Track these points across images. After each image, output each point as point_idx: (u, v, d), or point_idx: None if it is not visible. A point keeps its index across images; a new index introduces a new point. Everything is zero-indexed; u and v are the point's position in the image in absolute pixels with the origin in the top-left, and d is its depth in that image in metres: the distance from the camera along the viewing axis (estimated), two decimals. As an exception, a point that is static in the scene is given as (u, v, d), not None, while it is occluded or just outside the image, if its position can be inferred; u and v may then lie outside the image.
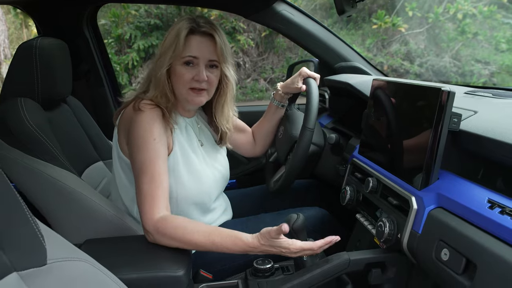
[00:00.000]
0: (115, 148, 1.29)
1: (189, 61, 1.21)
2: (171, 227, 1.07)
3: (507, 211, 0.74)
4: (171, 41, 1.20)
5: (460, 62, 6.48)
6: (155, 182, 1.11)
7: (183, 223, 1.09)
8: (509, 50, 6.02)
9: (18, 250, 0.70)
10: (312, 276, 1.03)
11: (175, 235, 1.06)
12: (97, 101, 2.01)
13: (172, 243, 1.08)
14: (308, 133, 1.33)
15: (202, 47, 1.21)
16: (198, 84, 1.22)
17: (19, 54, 1.30)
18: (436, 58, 6.67)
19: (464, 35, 6.35)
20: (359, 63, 1.92)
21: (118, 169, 1.29)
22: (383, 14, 6.66)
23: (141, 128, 1.15)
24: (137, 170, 1.14)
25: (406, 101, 1.06)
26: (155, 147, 1.15)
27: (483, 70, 6.20)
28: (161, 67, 1.20)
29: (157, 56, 1.23)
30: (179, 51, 1.19)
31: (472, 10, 6.21)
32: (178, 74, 1.21)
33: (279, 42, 7.15)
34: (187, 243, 1.07)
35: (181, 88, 1.23)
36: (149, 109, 1.17)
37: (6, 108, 1.24)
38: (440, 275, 0.85)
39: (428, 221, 0.90)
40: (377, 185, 1.14)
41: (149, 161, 1.13)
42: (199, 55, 1.21)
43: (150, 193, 1.10)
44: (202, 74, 1.21)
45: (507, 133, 0.84)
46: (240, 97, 7.06)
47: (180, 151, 1.26)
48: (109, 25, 6.64)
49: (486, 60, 6.21)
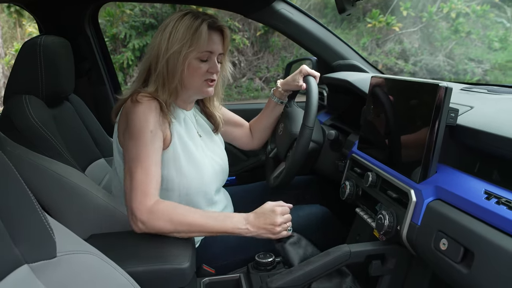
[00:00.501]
0: (116, 144, 1.30)
1: (206, 56, 1.25)
2: (167, 208, 1.11)
3: (503, 201, 0.77)
4: (184, 35, 1.20)
5: (454, 61, 6.54)
6: (149, 171, 1.14)
7: (177, 204, 1.15)
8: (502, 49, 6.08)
9: (28, 242, 0.72)
10: (314, 268, 1.06)
11: (171, 216, 1.11)
12: (98, 99, 2.03)
13: (167, 226, 1.11)
14: (307, 132, 1.35)
15: (217, 41, 1.27)
16: (212, 76, 1.28)
17: (23, 51, 1.31)
18: (430, 57, 6.72)
19: (457, 34, 6.41)
20: (356, 61, 1.95)
21: (120, 163, 1.30)
22: (377, 14, 6.71)
23: (138, 119, 1.17)
24: (130, 160, 1.15)
25: (405, 97, 1.09)
26: (152, 139, 1.16)
27: (476, 69, 6.27)
28: (175, 61, 1.21)
29: (162, 51, 1.22)
30: (200, 45, 1.21)
31: (466, 9, 6.27)
32: (194, 67, 1.24)
33: (274, 41, 7.17)
34: (183, 222, 1.11)
35: (197, 80, 1.26)
36: (146, 101, 1.18)
37: (11, 105, 1.26)
38: (439, 264, 0.88)
39: (427, 212, 0.93)
40: (376, 179, 1.17)
41: (145, 152, 1.15)
42: (214, 50, 1.26)
43: (144, 182, 1.12)
44: (217, 67, 1.28)
45: (502, 127, 0.87)
46: (236, 96, 7.07)
47: (180, 142, 1.27)
48: (104, 24, 6.63)
49: (479, 58, 6.28)
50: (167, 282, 1.03)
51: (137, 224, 1.10)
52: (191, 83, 1.27)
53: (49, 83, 1.33)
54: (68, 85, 1.46)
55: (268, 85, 7.22)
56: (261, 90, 7.24)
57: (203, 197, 1.34)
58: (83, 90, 1.89)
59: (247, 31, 7.21)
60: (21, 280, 0.68)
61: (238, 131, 1.64)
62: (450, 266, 0.83)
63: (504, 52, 6.04)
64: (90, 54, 1.99)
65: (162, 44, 1.22)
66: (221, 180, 1.45)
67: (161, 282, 1.03)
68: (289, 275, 1.07)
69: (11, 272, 0.67)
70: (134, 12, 6.67)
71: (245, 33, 7.21)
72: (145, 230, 1.10)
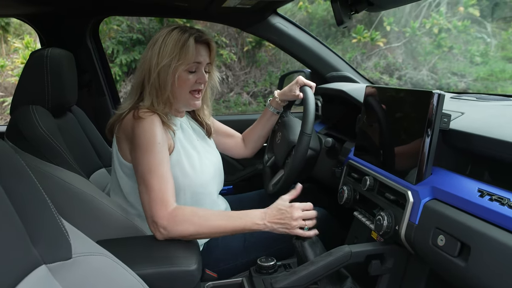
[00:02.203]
0: (116, 156, 1.34)
1: (194, 67, 1.32)
2: (188, 212, 1.17)
3: (495, 198, 0.83)
4: (173, 50, 1.27)
5: (437, 75, 6.69)
6: (164, 180, 1.19)
7: (196, 208, 1.21)
8: (483, 63, 6.27)
9: (46, 244, 0.75)
10: (317, 268, 1.10)
11: (193, 219, 1.16)
12: (99, 110, 2.07)
13: (190, 228, 1.15)
14: (306, 138, 1.41)
15: (204, 53, 1.34)
16: (199, 86, 1.35)
17: (30, 63, 1.35)
18: (414, 71, 6.87)
19: (440, 49, 6.58)
20: (349, 72, 2.03)
21: (122, 175, 1.34)
22: (362, 29, 6.85)
23: (145, 134, 1.22)
24: (144, 172, 1.20)
25: (399, 105, 1.15)
26: (160, 150, 1.22)
27: (459, 83, 6.43)
28: (165, 74, 1.28)
29: (153, 65, 1.28)
30: (189, 58, 1.28)
31: (447, 24, 6.45)
32: (183, 79, 1.31)
33: (261, 56, 7.25)
34: (204, 225, 1.16)
35: (184, 91, 1.33)
36: (148, 116, 1.24)
37: (19, 114, 1.29)
38: (437, 260, 0.93)
39: (424, 212, 0.99)
40: (373, 183, 1.22)
41: (157, 162, 1.20)
42: (202, 61, 1.33)
43: (161, 191, 1.17)
44: (204, 77, 1.35)
45: (492, 130, 0.94)
46: (224, 110, 7.10)
47: (182, 147, 1.34)
48: (92, 40, 6.61)
49: (462, 72, 6.44)
50: (176, 284, 1.07)
51: (159, 231, 1.15)
52: (181, 95, 1.34)
53: (55, 93, 1.37)
54: (72, 96, 1.50)
55: (255, 99, 7.27)
56: (248, 104, 7.28)
57: (209, 198, 1.40)
58: (84, 102, 1.92)
59: (234, 46, 7.28)
60: (40, 280, 0.71)
61: (230, 141, 1.71)
62: (448, 260, 0.88)
63: (485, 66, 6.22)
64: (91, 66, 2.03)
65: (153, 59, 1.29)
66: (220, 181, 1.51)
67: (169, 284, 1.06)
68: (293, 275, 1.11)
69: (31, 272, 0.70)
70: (122, 28, 6.70)
71: (232, 48, 7.28)
72: (168, 235, 1.15)
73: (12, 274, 0.64)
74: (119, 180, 1.35)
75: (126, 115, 1.29)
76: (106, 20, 6.52)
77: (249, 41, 6.99)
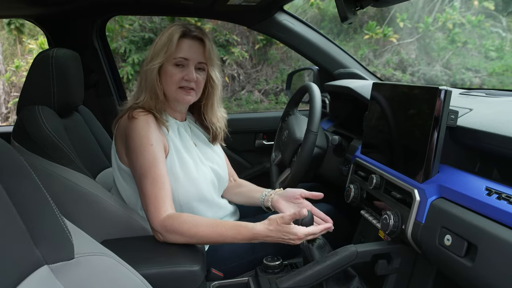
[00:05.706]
0: (114, 158, 1.34)
1: (180, 62, 1.28)
2: (178, 223, 1.13)
3: (504, 197, 0.81)
4: (163, 44, 1.26)
5: (451, 71, 6.60)
6: (157, 184, 1.18)
7: (188, 218, 1.16)
8: (498, 58, 6.15)
9: (49, 244, 0.75)
10: (322, 268, 1.09)
11: (182, 230, 1.13)
12: (106, 110, 2.08)
13: (180, 239, 1.14)
14: (312, 136, 1.40)
15: (193, 50, 1.29)
16: (187, 83, 1.29)
17: (36, 64, 1.36)
18: (428, 67, 6.79)
19: (454, 44, 6.49)
20: (357, 69, 2.01)
21: (120, 179, 1.34)
22: (374, 25, 6.78)
23: (137, 134, 1.21)
24: (138, 175, 1.20)
25: (406, 101, 1.13)
26: (153, 151, 1.21)
27: (473, 78, 6.33)
28: (152, 67, 1.26)
29: (148, 58, 1.29)
30: (171, 52, 1.25)
31: (461, 19, 6.35)
32: (169, 74, 1.28)
33: (272, 54, 7.23)
34: (194, 236, 1.13)
35: (171, 87, 1.29)
36: (142, 116, 1.23)
37: (25, 115, 1.30)
38: (443, 260, 0.91)
39: (431, 210, 0.96)
40: (380, 181, 1.20)
41: (149, 165, 1.19)
42: (189, 57, 1.28)
43: (153, 195, 1.17)
44: (192, 74, 1.28)
45: (500, 127, 0.91)
46: (235, 108, 7.11)
47: (176, 153, 1.31)
48: (104, 40, 6.68)
49: (476, 68, 6.34)
50: (179, 284, 1.06)
51: (157, 235, 1.17)
52: (167, 89, 1.30)
53: (60, 94, 1.38)
54: (78, 96, 1.50)
55: (267, 97, 7.26)
56: (260, 102, 7.27)
57: (205, 204, 1.36)
58: (91, 102, 1.93)
59: (245, 44, 7.28)
60: (42, 280, 0.71)
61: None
62: (455, 260, 0.86)
63: (500, 61, 6.11)
64: (98, 67, 2.04)
65: (147, 57, 1.29)
66: (222, 187, 1.48)
67: (173, 284, 1.06)
68: (298, 275, 1.10)
69: (33, 272, 0.70)
70: (134, 27, 6.74)
71: (244, 46, 7.27)
72: (164, 240, 1.16)
73: (14, 274, 0.64)
74: (117, 184, 1.36)
75: (123, 115, 1.29)
76: (118, 20, 6.58)
77: (260, 39, 6.96)
